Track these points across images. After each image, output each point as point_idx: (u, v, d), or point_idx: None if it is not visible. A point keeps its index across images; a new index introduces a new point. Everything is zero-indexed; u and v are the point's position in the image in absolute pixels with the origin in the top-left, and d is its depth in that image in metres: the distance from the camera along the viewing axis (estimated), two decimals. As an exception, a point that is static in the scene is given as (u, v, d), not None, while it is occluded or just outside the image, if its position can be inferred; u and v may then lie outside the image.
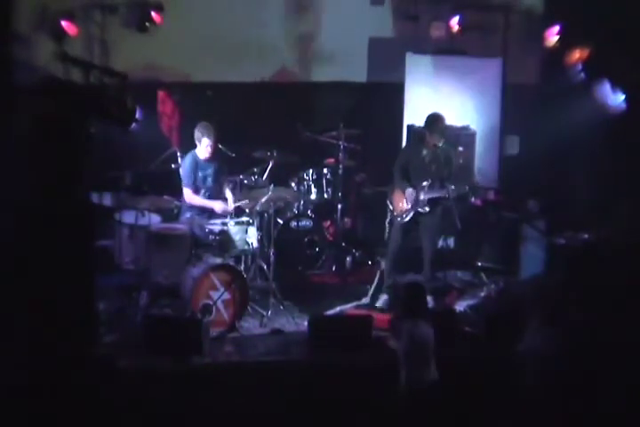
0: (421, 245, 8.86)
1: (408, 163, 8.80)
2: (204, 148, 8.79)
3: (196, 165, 8.85)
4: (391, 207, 8.98)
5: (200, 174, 8.87)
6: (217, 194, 8.93)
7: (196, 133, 8.82)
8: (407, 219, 8.74)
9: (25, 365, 6.09)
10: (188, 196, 8.84)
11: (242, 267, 8.54)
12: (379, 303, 8.87)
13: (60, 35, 9.26)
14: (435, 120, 8.72)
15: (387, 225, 9.30)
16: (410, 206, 8.70)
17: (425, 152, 8.73)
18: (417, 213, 8.71)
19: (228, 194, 8.89)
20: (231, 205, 8.75)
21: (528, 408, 6.36)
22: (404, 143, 10.19)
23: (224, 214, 8.69)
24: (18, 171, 6.18)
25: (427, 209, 8.66)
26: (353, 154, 9.95)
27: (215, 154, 8.89)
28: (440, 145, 8.67)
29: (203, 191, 8.91)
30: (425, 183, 8.63)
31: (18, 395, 6.03)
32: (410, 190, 8.66)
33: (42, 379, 6.08)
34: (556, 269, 8.69)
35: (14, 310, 6.15)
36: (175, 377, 7.21)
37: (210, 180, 8.91)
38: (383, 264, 9.21)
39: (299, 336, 8.07)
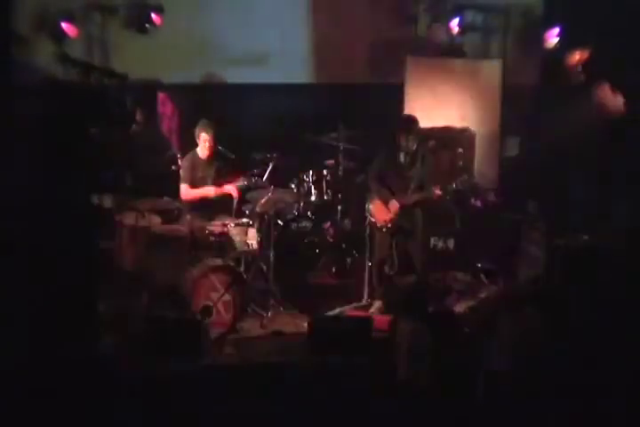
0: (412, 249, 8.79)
1: (385, 171, 8.69)
2: (203, 143, 8.78)
3: (196, 164, 8.85)
4: (372, 220, 8.80)
5: (199, 175, 8.87)
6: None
7: (196, 131, 8.82)
8: (391, 226, 8.65)
9: (25, 365, 6.09)
10: (185, 191, 8.81)
11: (242, 268, 8.54)
12: (372, 309, 8.79)
13: (60, 36, 9.30)
14: (410, 122, 8.61)
15: (366, 238, 9.04)
16: (394, 215, 8.61)
17: (402, 157, 8.62)
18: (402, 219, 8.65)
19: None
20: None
21: (527, 408, 6.37)
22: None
23: (218, 196, 8.69)
24: (18, 171, 6.19)
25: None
26: (353, 155, 9.94)
27: (215, 155, 8.89)
28: (414, 148, 8.57)
29: (201, 191, 8.94)
30: (407, 189, 8.58)
31: (18, 395, 6.03)
32: (394, 202, 8.56)
33: (42, 379, 6.08)
34: (556, 269, 8.68)
35: (15, 310, 6.16)
36: (175, 378, 7.20)
37: (209, 181, 8.91)
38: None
39: (298, 338, 8.07)
